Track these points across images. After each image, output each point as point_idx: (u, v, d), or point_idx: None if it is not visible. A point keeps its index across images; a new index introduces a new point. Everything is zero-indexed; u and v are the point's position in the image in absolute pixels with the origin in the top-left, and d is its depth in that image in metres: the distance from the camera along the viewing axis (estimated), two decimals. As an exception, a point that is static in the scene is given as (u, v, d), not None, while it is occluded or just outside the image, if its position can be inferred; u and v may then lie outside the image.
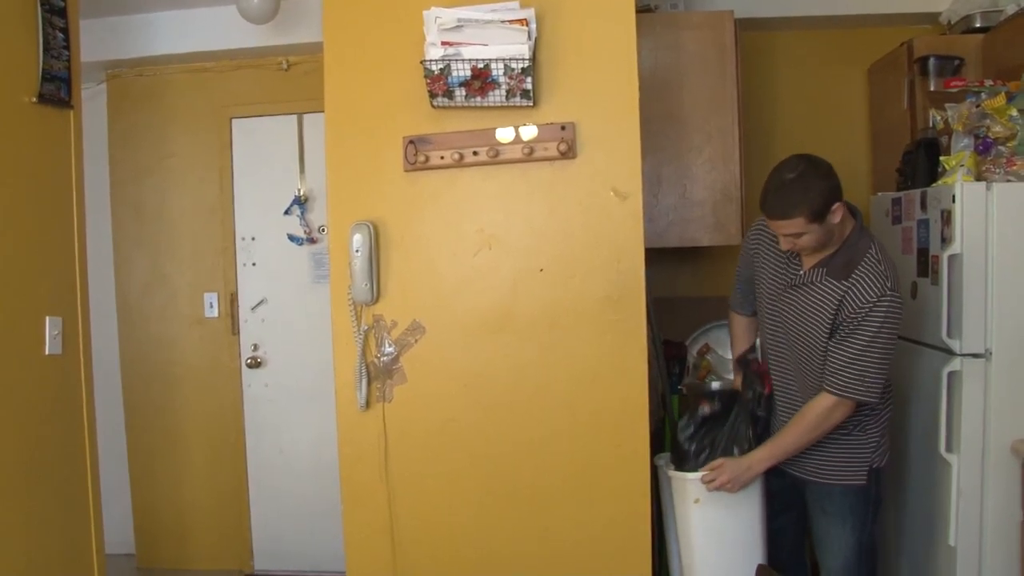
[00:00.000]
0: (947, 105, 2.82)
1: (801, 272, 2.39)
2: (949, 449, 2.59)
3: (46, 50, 2.60)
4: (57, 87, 2.66)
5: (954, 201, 2.54)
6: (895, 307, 2.25)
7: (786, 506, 2.57)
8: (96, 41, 3.69)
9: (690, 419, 2.56)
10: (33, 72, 2.57)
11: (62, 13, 2.68)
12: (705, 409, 2.55)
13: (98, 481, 2.81)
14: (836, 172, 2.28)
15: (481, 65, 2.29)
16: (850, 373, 2.26)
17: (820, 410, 2.31)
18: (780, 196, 2.26)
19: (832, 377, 2.29)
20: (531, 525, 2.49)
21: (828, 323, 2.31)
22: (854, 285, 2.27)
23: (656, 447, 2.71)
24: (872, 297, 2.24)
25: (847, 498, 2.43)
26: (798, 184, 2.24)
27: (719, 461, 2.41)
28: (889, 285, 2.26)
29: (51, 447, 2.62)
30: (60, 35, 2.67)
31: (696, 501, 2.44)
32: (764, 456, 2.38)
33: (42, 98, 2.59)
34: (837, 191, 2.27)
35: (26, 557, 2.49)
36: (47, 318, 2.61)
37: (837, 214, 2.26)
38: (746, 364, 2.69)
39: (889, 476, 2.51)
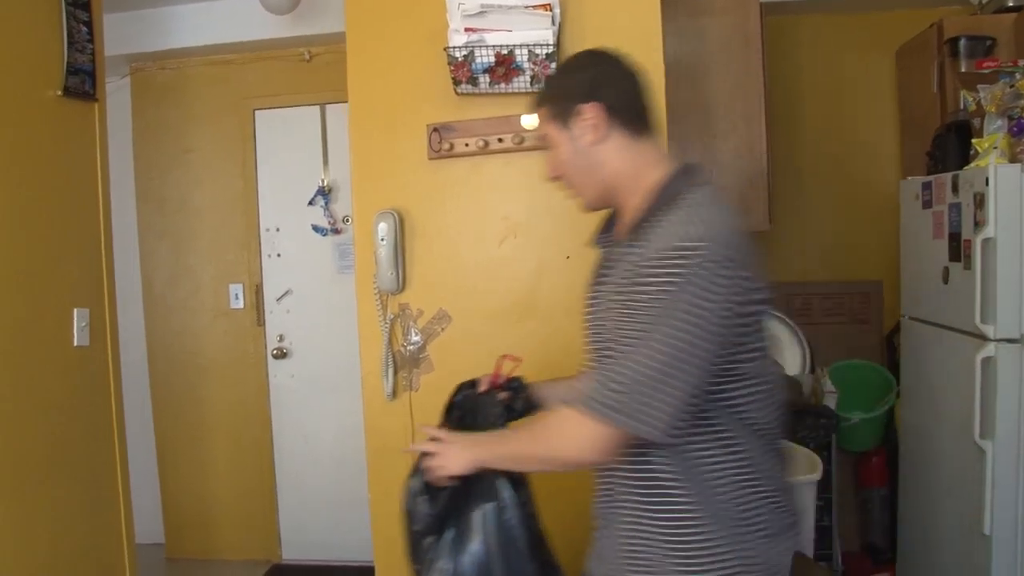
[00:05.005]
0: (979, 86, 2.77)
1: None
2: (983, 436, 2.54)
3: (70, 44, 2.61)
4: (81, 80, 2.67)
5: (987, 184, 2.49)
6: None
7: None
8: (119, 34, 3.71)
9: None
10: (58, 66, 2.58)
11: (86, 7, 2.69)
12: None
13: (127, 471, 2.83)
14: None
15: (505, 51, 2.27)
16: None
17: None
18: None
19: None
20: (558, 511, 2.47)
21: None
22: None
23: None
24: None
25: None
26: None
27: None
28: None
29: (80, 438, 2.64)
30: (84, 28, 2.68)
31: None
32: None
33: (67, 91, 2.60)
34: None
35: (57, 547, 2.51)
36: (75, 310, 2.63)
37: None
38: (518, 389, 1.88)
39: (921, 465, 2.48)
